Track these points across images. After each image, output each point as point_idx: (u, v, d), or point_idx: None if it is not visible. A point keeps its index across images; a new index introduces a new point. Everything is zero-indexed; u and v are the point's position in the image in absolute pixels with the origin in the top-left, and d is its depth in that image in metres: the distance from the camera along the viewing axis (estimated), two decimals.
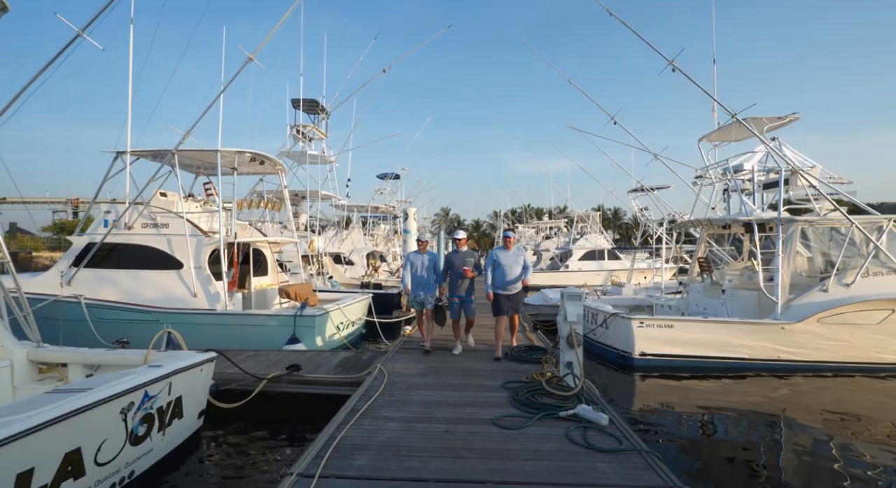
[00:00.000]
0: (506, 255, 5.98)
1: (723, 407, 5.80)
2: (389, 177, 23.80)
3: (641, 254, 18.93)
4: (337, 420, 3.70)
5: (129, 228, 8.69)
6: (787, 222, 7.58)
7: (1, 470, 2.37)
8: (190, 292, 8.28)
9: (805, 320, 7.02)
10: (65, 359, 4.68)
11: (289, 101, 15.52)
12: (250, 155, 9.11)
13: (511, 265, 5.93)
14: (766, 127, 8.52)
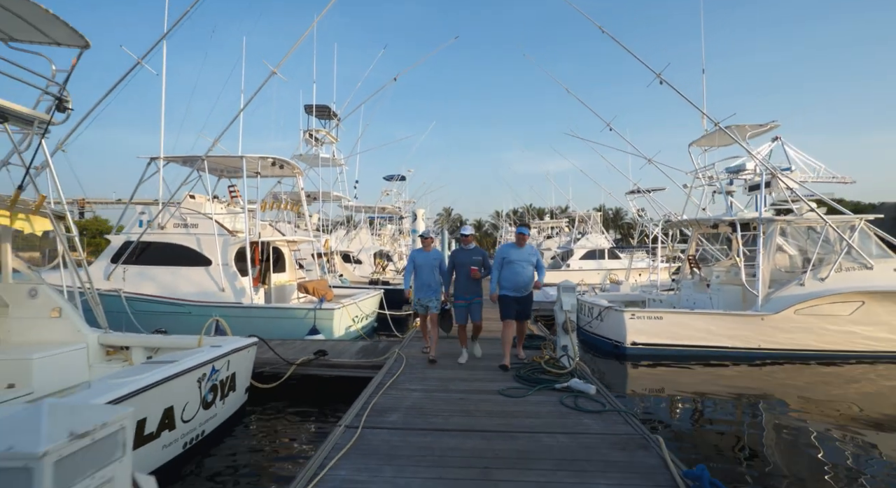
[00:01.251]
0: (518, 253, 5.27)
1: (707, 391, 6.48)
2: (396, 179, 24.53)
3: (640, 253, 19.56)
4: (368, 391, 4.42)
5: (162, 228, 9.43)
6: (767, 222, 8.26)
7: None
8: (218, 287, 9.02)
9: (782, 312, 7.70)
10: (128, 343, 5.41)
11: (302, 107, 16.25)
12: (272, 160, 9.83)
13: (523, 264, 5.23)
14: (749, 133, 9.19)
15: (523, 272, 5.24)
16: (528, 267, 5.27)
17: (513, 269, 5.23)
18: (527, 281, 5.27)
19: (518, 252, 5.30)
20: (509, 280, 5.26)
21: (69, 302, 5.35)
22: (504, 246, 5.52)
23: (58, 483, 0.93)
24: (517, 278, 5.23)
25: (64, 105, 4.60)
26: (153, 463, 3.44)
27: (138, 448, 3.27)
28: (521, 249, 5.31)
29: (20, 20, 4.46)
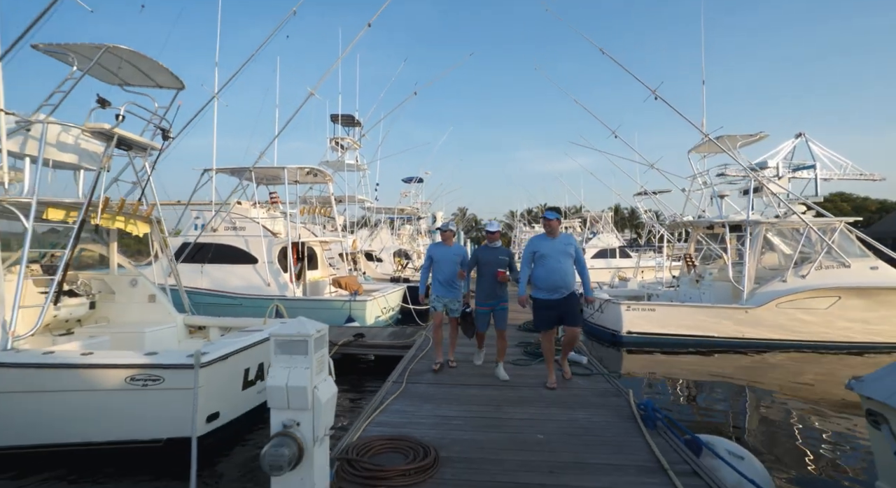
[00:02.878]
0: (551, 245, 4.31)
1: (695, 375, 7.42)
2: (414, 181, 25.75)
3: (648, 252, 20.36)
4: (404, 361, 5.57)
5: (214, 230, 10.78)
6: (753, 224, 9.15)
7: (236, 366, 4.32)
8: (264, 282, 10.32)
9: (765, 305, 8.60)
10: (206, 324, 6.67)
11: (328, 116, 17.57)
12: (308, 169, 11.12)
13: (558, 258, 4.26)
14: (740, 143, 10.08)
15: (560, 267, 4.22)
16: (565, 260, 4.28)
17: (547, 265, 4.25)
18: (566, 278, 4.25)
19: (551, 243, 4.31)
20: (543, 278, 4.26)
21: (160, 290, 6.63)
22: (533, 238, 4.56)
23: (312, 350, 2.04)
24: (552, 276, 4.21)
25: (167, 134, 5.86)
26: (251, 403, 4.65)
27: (245, 389, 4.49)
28: (554, 239, 4.33)
29: (136, 70, 5.74)
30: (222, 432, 4.23)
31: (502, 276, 4.70)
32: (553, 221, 4.39)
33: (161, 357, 3.87)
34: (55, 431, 3.83)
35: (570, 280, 4.33)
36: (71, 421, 3.82)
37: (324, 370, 2.07)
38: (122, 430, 3.83)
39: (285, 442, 1.81)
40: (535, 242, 4.50)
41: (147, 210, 5.91)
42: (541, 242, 4.43)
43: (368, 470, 2.59)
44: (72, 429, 3.81)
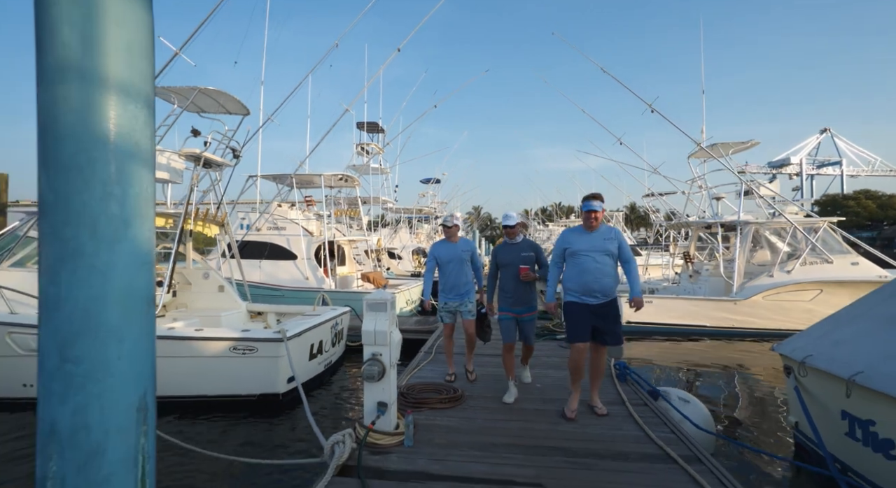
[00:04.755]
0: (587, 240, 3.49)
1: (687, 360, 8.42)
2: (432, 182, 26.98)
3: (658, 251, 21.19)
4: (431, 339, 6.76)
5: (258, 230, 12.16)
6: (744, 223, 10.07)
7: (306, 342, 5.57)
8: (303, 276, 11.65)
9: (752, 297, 9.53)
10: (265, 310, 7.98)
11: (354, 124, 18.91)
12: (340, 175, 12.41)
13: (596, 256, 3.44)
14: (732, 149, 10.97)
15: (598, 267, 3.39)
16: (603, 259, 3.42)
17: (579, 264, 3.46)
18: (602, 280, 3.41)
19: (587, 238, 3.48)
20: (574, 279, 3.48)
21: (228, 281, 7.96)
22: (566, 232, 3.70)
23: (389, 309, 3.21)
24: (585, 276, 3.41)
25: (236, 153, 7.16)
26: (314, 371, 5.91)
27: (311, 360, 5.75)
28: (592, 234, 3.49)
29: (213, 101, 7.05)
30: (296, 391, 5.50)
31: (525, 274, 3.79)
32: (595, 213, 3.43)
33: (255, 332, 5.15)
34: (178, 386, 5.12)
35: (609, 284, 3.38)
36: (189, 379, 5.11)
37: (395, 323, 3.25)
38: (226, 387, 5.12)
39: (375, 363, 3.01)
40: (567, 237, 3.58)
41: (222, 216, 7.23)
42: (574, 237, 3.53)
43: (416, 399, 3.80)
44: (190, 385, 5.10)
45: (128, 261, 1.63)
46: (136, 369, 1.66)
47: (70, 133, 1.51)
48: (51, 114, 1.51)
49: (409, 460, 2.81)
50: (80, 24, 1.51)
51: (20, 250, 5.51)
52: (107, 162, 1.55)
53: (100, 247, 1.55)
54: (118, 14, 1.59)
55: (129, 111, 1.59)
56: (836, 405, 3.49)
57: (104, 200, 1.55)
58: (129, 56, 1.61)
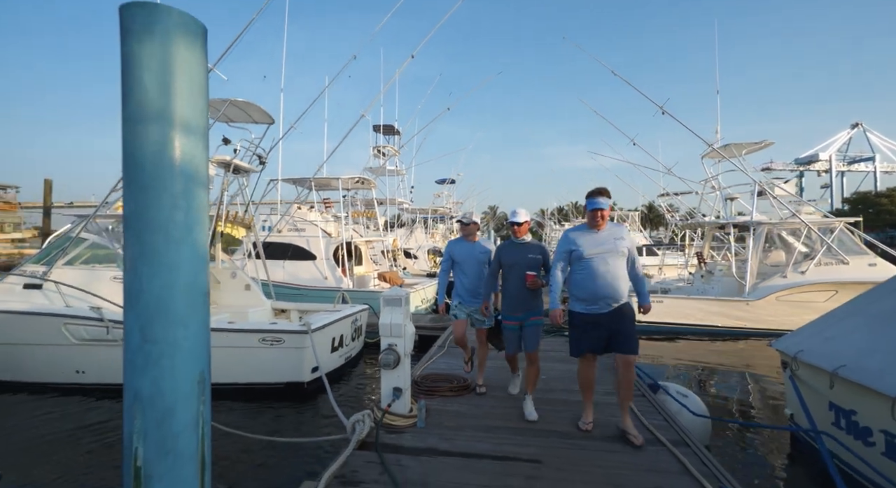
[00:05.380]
0: (594, 240, 3.17)
1: (696, 359, 8.55)
2: (447, 182, 27.33)
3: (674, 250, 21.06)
4: (443, 336, 7.10)
5: (279, 231, 12.69)
6: (757, 224, 10.10)
7: (329, 335, 5.97)
8: (322, 276, 12.13)
9: (765, 298, 9.57)
10: (288, 307, 8.44)
11: (371, 127, 19.39)
12: (357, 178, 12.86)
13: (605, 257, 3.11)
14: (745, 150, 10.98)
15: (609, 271, 3.08)
16: (614, 260, 3.11)
17: (587, 268, 3.12)
18: (614, 284, 3.08)
19: (595, 238, 3.17)
20: (581, 285, 3.15)
21: (253, 280, 8.45)
22: (569, 231, 3.35)
23: (404, 304, 3.54)
24: (594, 281, 3.09)
25: (262, 160, 7.63)
26: (335, 364, 6.31)
27: (333, 353, 6.15)
28: (599, 233, 3.19)
29: (240, 110, 7.53)
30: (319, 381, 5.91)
31: (532, 281, 3.54)
32: (600, 211, 3.14)
33: (282, 325, 5.58)
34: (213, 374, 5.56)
35: (621, 287, 3.08)
36: (223, 367, 5.56)
37: (409, 317, 3.59)
38: (256, 375, 5.55)
39: (391, 353, 3.36)
40: (571, 237, 3.24)
41: (249, 218, 7.71)
42: (580, 236, 3.19)
43: (428, 387, 4.14)
44: (224, 373, 5.55)
45: (190, 260, 2.03)
46: (196, 349, 2.06)
47: (148, 161, 1.91)
48: (133, 145, 1.91)
49: (421, 439, 3.15)
50: (157, 72, 1.91)
51: (72, 250, 6.06)
52: (175, 182, 1.95)
53: (169, 248, 1.95)
54: (184, 62, 1.99)
55: (191, 141, 1.99)
56: (824, 397, 3.69)
57: (172, 211, 1.95)
58: (192, 96, 2.01)
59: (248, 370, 5.52)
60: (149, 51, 1.88)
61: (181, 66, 1.95)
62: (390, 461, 2.77)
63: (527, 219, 3.73)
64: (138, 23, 1.87)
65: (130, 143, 1.90)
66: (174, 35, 1.93)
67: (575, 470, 2.74)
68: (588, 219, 3.28)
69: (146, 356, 1.89)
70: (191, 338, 2.01)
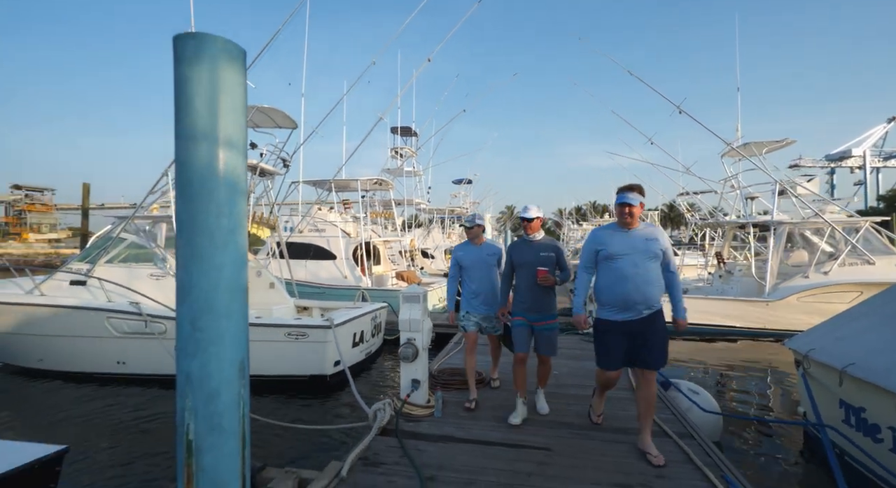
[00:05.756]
0: (624, 240, 2.87)
1: (713, 359, 8.51)
2: (464, 183, 27.51)
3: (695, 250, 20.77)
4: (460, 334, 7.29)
5: (300, 232, 13.10)
6: (778, 223, 9.97)
7: (350, 330, 6.24)
8: (342, 275, 12.47)
9: (786, 298, 9.44)
10: (310, 305, 8.76)
11: (388, 129, 19.72)
12: (376, 180, 13.16)
13: (636, 259, 2.82)
14: (766, 149, 10.81)
15: (639, 273, 2.79)
16: (645, 263, 2.82)
17: (616, 270, 2.84)
18: (645, 289, 2.79)
19: (624, 238, 2.87)
20: (609, 289, 2.87)
21: (277, 279, 8.81)
22: (597, 230, 3.06)
23: (422, 301, 3.75)
24: (623, 286, 2.80)
25: (286, 163, 7.97)
26: (356, 358, 6.57)
27: (354, 347, 6.42)
28: (630, 232, 2.89)
29: (265, 116, 7.88)
30: (341, 374, 6.19)
31: (543, 277, 3.33)
32: (634, 208, 2.83)
33: (306, 320, 5.87)
34: None
35: (653, 293, 2.78)
36: (252, 359, 5.86)
37: (426, 313, 3.80)
38: (282, 368, 5.85)
39: (410, 346, 3.57)
40: (599, 236, 2.96)
41: (273, 219, 8.06)
42: (609, 236, 2.90)
43: (445, 380, 4.35)
44: (253, 366, 5.83)
45: (233, 261, 2.28)
46: (237, 339, 2.31)
47: (197, 174, 2.17)
48: (185, 160, 2.17)
49: (438, 427, 3.36)
50: (206, 96, 2.17)
51: (113, 249, 6.49)
52: (219, 192, 2.21)
53: (215, 251, 2.21)
54: (228, 84, 2.24)
55: (233, 155, 2.24)
56: (834, 394, 3.74)
57: (218, 218, 2.21)
58: (234, 114, 2.27)
59: (275, 363, 5.82)
60: (198, 75, 2.13)
61: (225, 88, 2.20)
62: (409, 446, 2.98)
63: (538, 216, 3.50)
64: (189, 50, 2.13)
65: (182, 158, 2.16)
66: (219, 60, 2.19)
67: (584, 458, 2.90)
68: (617, 217, 2.97)
69: (196, 343, 2.15)
70: (232, 329, 2.27)
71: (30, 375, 6.27)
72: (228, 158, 2.19)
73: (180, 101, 2.14)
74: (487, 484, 2.56)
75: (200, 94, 2.13)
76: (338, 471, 2.64)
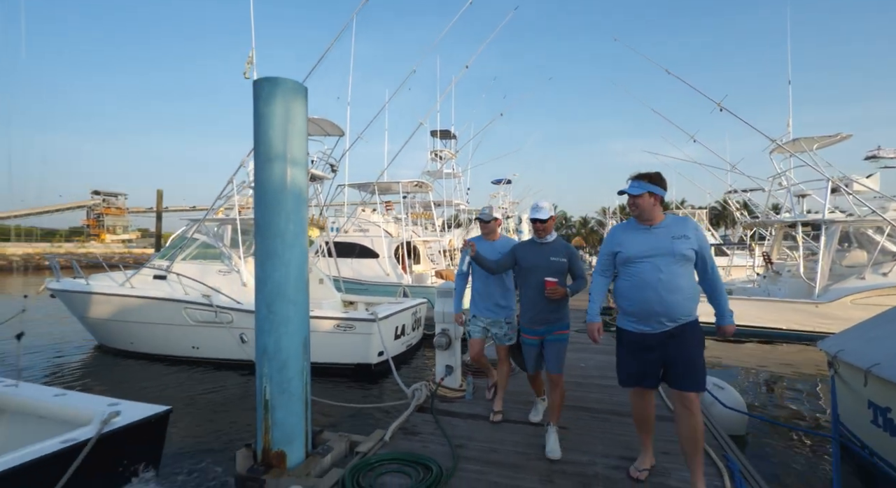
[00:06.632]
0: (646, 240, 2.44)
1: (756, 361, 8.31)
2: (503, 183, 27.71)
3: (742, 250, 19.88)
4: None
5: (346, 232, 13.91)
6: (829, 222, 9.55)
7: (393, 324, 6.79)
8: (384, 272, 13.15)
9: (838, 300, 9.05)
10: (356, 299, 9.42)
11: (428, 132, 20.33)
12: (416, 182, 13.75)
13: (657, 262, 2.37)
14: (816, 145, 10.34)
15: (662, 279, 2.34)
16: (669, 266, 2.35)
17: (636, 275, 2.43)
18: (669, 297, 2.33)
19: (646, 237, 2.44)
20: (631, 297, 2.45)
21: (326, 275, 9.55)
22: (616, 228, 2.64)
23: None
24: (645, 293, 2.38)
25: (334, 168, 8.66)
26: (398, 350, 7.12)
27: (396, 340, 6.96)
28: (653, 230, 2.45)
29: (315, 125, 8.59)
30: (384, 364, 6.75)
31: (552, 289, 2.93)
32: (635, 199, 2.43)
33: (353, 313, 6.46)
34: None
35: (680, 303, 2.34)
36: None
37: None
38: (331, 356, 6.48)
39: (444, 336, 4.01)
40: (617, 236, 2.57)
41: (322, 220, 8.78)
42: (627, 234, 2.53)
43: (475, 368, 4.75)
44: None
45: (298, 258, 2.82)
46: (301, 321, 2.84)
47: (271, 188, 2.71)
48: (262, 177, 2.72)
49: (468, 407, 3.77)
50: (281, 125, 2.71)
51: (188, 248, 7.41)
52: (288, 201, 2.74)
53: (286, 250, 2.74)
54: (295, 115, 2.78)
55: (298, 172, 2.77)
56: (862, 395, 3.79)
57: (287, 222, 2.74)
58: (298, 139, 2.80)
59: (325, 351, 6.46)
60: (272, 110, 2.68)
61: (292, 118, 2.74)
62: (442, 421, 3.42)
63: (552, 215, 3.04)
64: (265, 91, 2.68)
65: (261, 176, 2.71)
66: (288, 98, 2.73)
67: (598, 435, 3.23)
68: (631, 206, 2.48)
69: (270, 323, 2.70)
70: (298, 313, 2.80)
71: (122, 355, 7.32)
72: (294, 174, 2.73)
73: (259, 131, 2.70)
74: (507, 453, 2.94)
75: (275, 126, 2.67)
76: (382, 437, 3.12)
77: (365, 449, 2.95)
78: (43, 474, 2.39)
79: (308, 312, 2.89)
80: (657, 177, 2.48)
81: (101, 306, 7.13)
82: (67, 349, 8.17)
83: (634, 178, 2.48)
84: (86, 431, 2.66)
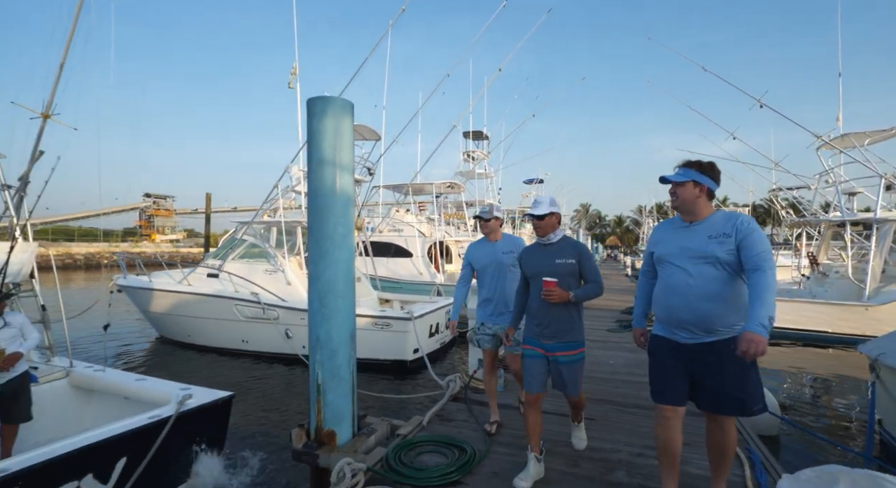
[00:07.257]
0: (680, 239, 2.15)
1: (798, 364, 8.06)
2: (535, 182, 27.61)
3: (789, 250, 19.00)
4: None
5: (381, 232, 14.38)
6: (882, 221, 9.09)
7: (428, 322, 7.09)
8: (418, 271, 13.51)
9: (890, 303, 8.62)
10: (390, 297, 9.82)
11: (461, 133, 20.60)
12: (449, 183, 14.05)
13: (687, 264, 2.08)
14: (868, 140, 9.84)
15: (690, 284, 2.08)
16: (703, 269, 2.06)
17: (666, 278, 2.20)
18: (703, 305, 2.04)
19: (681, 237, 2.17)
20: (661, 302, 2.23)
21: (363, 274, 9.98)
22: (659, 227, 2.37)
23: None
24: (673, 298, 2.14)
25: (371, 171, 9.06)
26: (432, 347, 7.41)
27: (430, 338, 7.26)
28: (691, 228, 2.15)
29: (355, 132, 9.02)
30: (419, 361, 7.06)
31: (548, 290, 2.53)
32: (676, 187, 2.16)
33: (389, 312, 6.81)
34: None
35: (710, 311, 2.04)
36: None
37: None
38: (369, 352, 6.84)
39: None
40: (656, 233, 2.37)
41: (360, 221, 9.21)
42: (664, 233, 2.29)
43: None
44: None
45: (346, 257, 3.13)
46: (349, 314, 3.15)
47: (323, 192, 3.03)
48: (315, 184, 3.05)
49: (500, 398, 3.98)
50: (332, 137, 3.03)
51: (238, 248, 8.01)
52: (337, 206, 3.06)
53: (335, 250, 3.06)
54: (343, 128, 3.10)
55: (345, 178, 3.08)
56: None
57: (336, 225, 3.06)
58: (346, 149, 3.12)
59: (362, 347, 6.79)
60: (324, 125, 3.01)
61: (341, 132, 3.06)
62: (475, 410, 3.66)
63: (552, 211, 2.65)
64: (318, 109, 3.01)
65: (314, 183, 3.04)
66: (338, 113, 3.05)
67: (623, 426, 3.39)
68: (675, 199, 2.19)
69: (322, 315, 3.02)
70: (346, 307, 3.12)
71: (181, 346, 8.00)
72: (343, 182, 3.04)
73: (312, 144, 3.03)
74: None
75: (326, 139, 3.00)
76: (420, 422, 3.40)
77: (405, 431, 3.24)
78: (134, 443, 2.81)
79: (354, 306, 3.21)
80: (708, 167, 2.14)
81: (162, 301, 7.82)
82: (133, 338, 8.99)
83: (682, 166, 2.18)
84: (166, 410, 3.08)
